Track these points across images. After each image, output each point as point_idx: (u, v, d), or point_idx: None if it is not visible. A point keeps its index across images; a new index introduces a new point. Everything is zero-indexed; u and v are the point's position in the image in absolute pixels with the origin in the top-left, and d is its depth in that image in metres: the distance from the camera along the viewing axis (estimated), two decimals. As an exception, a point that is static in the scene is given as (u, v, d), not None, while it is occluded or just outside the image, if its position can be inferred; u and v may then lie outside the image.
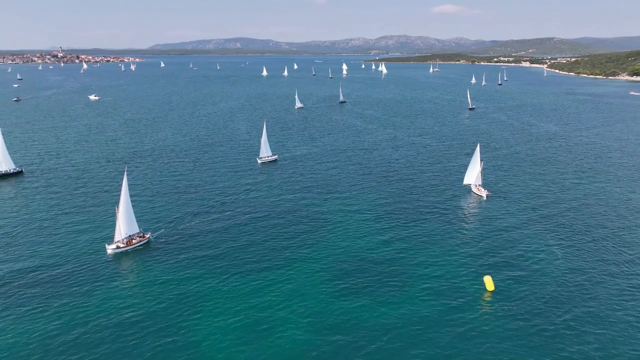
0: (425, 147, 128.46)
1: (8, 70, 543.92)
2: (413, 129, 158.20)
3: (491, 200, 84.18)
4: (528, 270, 57.60)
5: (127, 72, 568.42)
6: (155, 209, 77.82)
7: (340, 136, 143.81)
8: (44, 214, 74.93)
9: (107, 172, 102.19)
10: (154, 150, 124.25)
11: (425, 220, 73.99)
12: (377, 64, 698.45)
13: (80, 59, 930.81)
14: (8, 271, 55.69)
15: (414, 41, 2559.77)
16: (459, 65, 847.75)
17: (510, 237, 67.71)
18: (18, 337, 43.74)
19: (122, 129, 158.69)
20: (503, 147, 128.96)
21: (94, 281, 53.37)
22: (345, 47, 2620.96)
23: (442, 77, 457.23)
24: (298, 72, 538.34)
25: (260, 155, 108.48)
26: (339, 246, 63.82)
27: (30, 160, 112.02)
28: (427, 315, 47.94)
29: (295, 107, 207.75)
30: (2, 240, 64.54)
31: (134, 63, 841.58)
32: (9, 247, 62.40)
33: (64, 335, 43.77)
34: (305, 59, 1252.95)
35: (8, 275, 54.74)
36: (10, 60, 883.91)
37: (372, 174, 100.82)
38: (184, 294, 51.32)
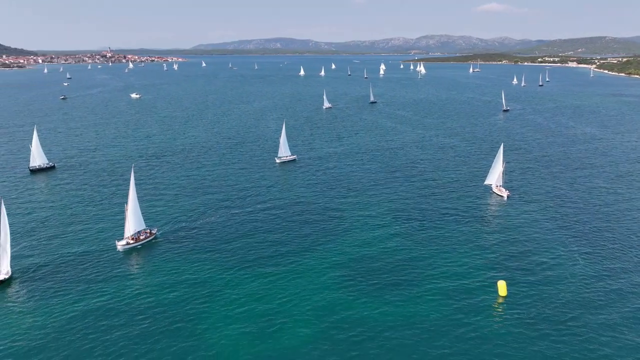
0: (452, 148, 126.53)
1: (60, 70, 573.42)
2: (443, 130, 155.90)
3: (512, 201, 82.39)
4: (544, 276, 55.89)
5: (169, 72, 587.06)
6: (167, 205, 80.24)
7: (367, 136, 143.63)
8: (66, 207, 78.57)
9: (136, 168, 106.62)
10: (184, 147, 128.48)
11: (443, 221, 73.25)
12: (415, 64, 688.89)
13: (127, 59, 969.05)
14: (30, 260, 59.31)
15: (455, 41, 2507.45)
16: (501, 65, 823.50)
17: (529, 240, 66.03)
18: (39, 319, 46.93)
19: (158, 126, 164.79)
20: (534, 149, 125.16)
21: (104, 275, 55.78)
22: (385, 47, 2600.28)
23: (482, 78, 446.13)
24: (335, 72, 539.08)
25: (278, 155, 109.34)
26: (352, 245, 64.15)
27: (68, 155, 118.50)
28: (435, 317, 47.58)
29: (324, 107, 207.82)
30: (27, 230, 68.57)
31: (177, 63, 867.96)
32: (32, 238, 66.41)
33: (79, 321, 46.59)
34: (344, 59, 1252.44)
35: (31, 263, 58.32)
36: (63, 60, 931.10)
37: (395, 174, 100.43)
38: (193, 285, 53.18)
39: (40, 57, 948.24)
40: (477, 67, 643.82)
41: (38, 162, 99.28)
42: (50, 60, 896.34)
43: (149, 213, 74.87)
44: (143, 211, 74.91)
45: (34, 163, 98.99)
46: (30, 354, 41.44)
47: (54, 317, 46.63)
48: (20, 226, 68.76)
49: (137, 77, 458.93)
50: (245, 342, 43.30)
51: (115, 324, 45.74)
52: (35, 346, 42.51)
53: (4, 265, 53.80)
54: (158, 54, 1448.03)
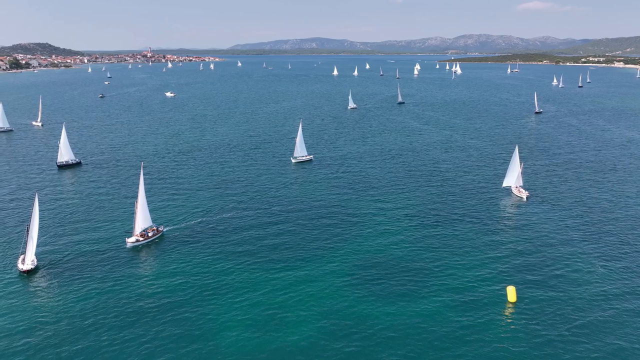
0: (477, 150, 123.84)
1: (102, 69, 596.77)
2: (471, 131, 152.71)
3: (531, 203, 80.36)
4: (558, 283, 54.04)
5: (205, 71, 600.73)
6: (184, 201, 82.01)
7: (390, 137, 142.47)
8: (87, 202, 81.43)
9: (161, 164, 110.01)
10: (211, 145, 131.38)
11: (460, 223, 72.04)
12: (451, 64, 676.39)
13: (166, 59, 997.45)
14: (53, 252, 62.25)
15: (494, 40, 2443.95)
16: (541, 65, 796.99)
17: (546, 245, 63.98)
18: (59, 306, 49.45)
19: (188, 124, 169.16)
20: (564, 152, 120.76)
21: (118, 269, 57.89)
22: (422, 46, 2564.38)
23: (519, 79, 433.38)
24: (368, 72, 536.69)
25: (294, 155, 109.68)
26: (364, 245, 63.92)
27: (97, 151, 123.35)
28: (440, 319, 46.95)
29: (348, 107, 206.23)
30: (50, 223, 71.78)
31: (213, 62, 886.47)
32: (54, 231, 69.72)
33: (93, 310, 48.87)
34: (378, 59, 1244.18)
35: (54, 255, 61.20)
36: (107, 60, 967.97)
37: (415, 175, 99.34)
38: (202, 281, 54.49)
39: (86, 57, 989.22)
40: (516, 68, 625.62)
41: (65, 158, 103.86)
42: (95, 60, 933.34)
43: (164, 209, 77.37)
44: (160, 207, 77.66)
45: (61, 159, 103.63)
46: (49, 338, 43.76)
47: (71, 306, 48.86)
48: (44, 219, 72.15)
49: (173, 76, 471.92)
50: (248, 337, 44.10)
51: (124, 316, 47.54)
52: (53, 330, 44.95)
53: (31, 255, 56.28)
54: (196, 54, 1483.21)
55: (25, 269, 54.76)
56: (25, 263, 55.58)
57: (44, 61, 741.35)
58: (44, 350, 42.02)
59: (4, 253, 60.70)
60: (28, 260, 55.87)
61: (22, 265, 55.31)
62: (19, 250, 58.51)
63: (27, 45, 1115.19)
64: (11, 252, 60.23)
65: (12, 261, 57.75)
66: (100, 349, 42.16)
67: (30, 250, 56.39)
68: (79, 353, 41.64)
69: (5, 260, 58.64)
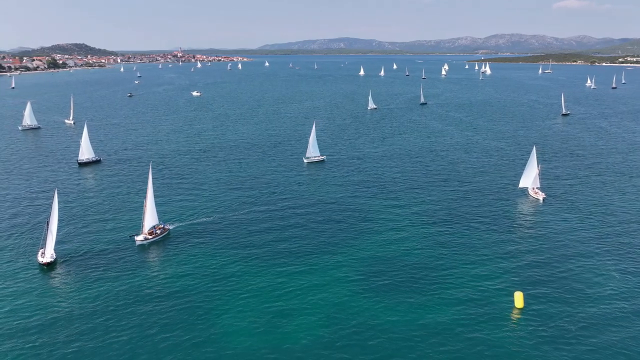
0: (498, 151, 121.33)
1: (133, 69, 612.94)
2: (493, 132, 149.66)
3: (548, 206, 78.61)
4: (570, 290, 52.38)
5: (232, 71, 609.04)
6: (192, 200, 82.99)
7: (409, 138, 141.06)
8: (102, 199, 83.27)
9: (181, 162, 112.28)
10: (230, 144, 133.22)
11: (472, 224, 70.91)
12: (480, 65, 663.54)
13: (196, 59, 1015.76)
14: (70, 246, 64.25)
15: (527, 40, 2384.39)
16: (575, 66, 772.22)
17: (559, 250, 62.20)
18: (70, 303, 51.30)
19: (211, 122, 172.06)
20: (589, 155, 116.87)
21: (131, 264, 59.27)
22: (451, 46, 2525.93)
23: (550, 79, 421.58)
24: (394, 72, 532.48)
25: (307, 155, 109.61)
26: (373, 246, 63.55)
27: (119, 149, 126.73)
28: (445, 322, 46.33)
29: (368, 108, 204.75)
30: (68, 219, 73.82)
31: (241, 62, 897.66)
32: (70, 227, 72.09)
33: (106, 303, 50.59)
34: (406, 59, 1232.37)
35: (71, 249, 63.21)
36: (139, 60, 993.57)
37: (432, 176, 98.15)
38: (210, 277, 55.40)
39: (119, 57, 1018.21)
40: (548, 68, 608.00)
41: (86, 155, 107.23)
42: (127, 60, 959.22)
43: (176, 207, 79.00)
44: (172, 205, 79.37)
45: (82, 157, 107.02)
46: (64, 327, 45.64)
47: (85, 298, 50.60)
48: (63, 214, 74.34)
49: (201, 76, 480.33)
50: (252, 333, 44.72)
51: (135, 309, 48.91)
52: (67, 320, 47.02)
53: (51, 249, 58.32)
54: (226, 54, 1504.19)
55: (44, 262, 56.75)
56: (44, 256, 57.52)
57: (80, 61, 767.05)
58: (58, 335, 43.99)
59: (25, 246, 63.11)
60: (47, 254, 57.78)
61: (42, 259, 57.33)
62: (39, 244, 60.53)
63: (65, 46, 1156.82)
64: (32, 245, 62.43)
65: (33, 254, 59.85)
66: (109, 338, 43.66)
67: (50, 244, 58.28)
68: (90, 340, 43.36)
69: (27, 253, 60.92)
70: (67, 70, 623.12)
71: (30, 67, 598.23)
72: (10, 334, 44.46)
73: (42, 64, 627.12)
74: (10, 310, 48.09)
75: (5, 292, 51.56)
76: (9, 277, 54.74)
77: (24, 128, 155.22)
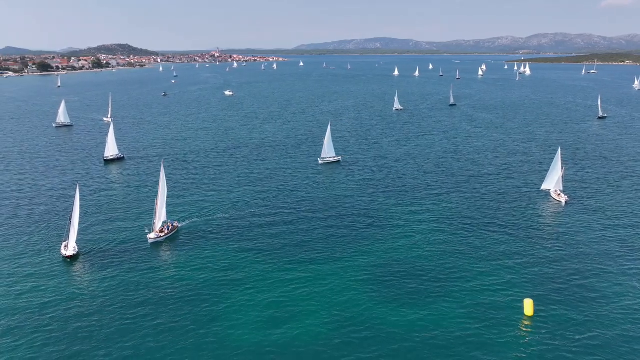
0: (526, 154, 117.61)
1: (171, 69, 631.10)
2: (524, 134, 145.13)
3: (571, 209, 76.00)
4: (585, 299, 50.21)
5: (266, 71, 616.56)
6: (208, 197, 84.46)
7: (435, 139, 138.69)
8: (122, 195, 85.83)
9: (205, 159, 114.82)
10: (255, 142, 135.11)
11: (489, 227, 69.30)
12: (519, 65, 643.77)
13: (232, 59, 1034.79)
14: (89, 240, 66.77)
15: (572, 39, 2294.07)
16: (623, 66, 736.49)
17: (579, 256, 59.89)
18: (89, 295, 53.61)
19: (239, 121, 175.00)
20: (624, 159, 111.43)
21: (146, 259, 61.11)
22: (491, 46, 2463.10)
23: (593, 80, 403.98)
24: (429, 73, 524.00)
25: (322, 156, 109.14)
26: (385, 248, 62.82)
27: (144, 146, 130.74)
28: (450, 327, 45.52)
29: (393, 108, 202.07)
30: (90, 214, 77.08)
31: (276, 62, 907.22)
32: (93, 221, 75.03)
33: (124, 294, 52.81)
34: (443, 59, 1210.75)
35: (89, 244, 65.46)
36: (178, 60, 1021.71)
37: (453, 178, 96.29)
38: (219, 271, 56.62)
39: (159, 57, 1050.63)
40: (593, 69, 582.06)
41: (111, 152, 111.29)
42: (167, 59, 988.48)
43: (192, 203, 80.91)
44: (191, 202, 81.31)
45: (108, 154, 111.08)
46: (83, 316, 47.89)
47: (103, 290, 52.57)
48: (86, 209, 77.59)
49: (235, 76, 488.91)
50: (257, 329, 45.40)
51: (146, 300, 50.77)
52: (86, 308, 49.43)
53: (73, 243, 60.77)
54: (262, 54, 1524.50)
55: (67, 255, 59.10)
56: (67, 249, 59.93)
57: (122, 61, 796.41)
58: (79, 323, 46.47)
59: (50, 239, 65.93)
60: (70, 247, 60.14)
61: (65, 251, 59.72)
62: (63, 237, 63.11)
63: (110, 46, 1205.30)
64: (57, 238, 65.05)
65: (58, 247, 62.43)
66: (123, 326, 45.77)
67: (72, 237, 60.71)
68: (106, 326, 45.81)
69: (51, 245, 63.63)
70: (109, 70, 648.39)
71: (76, 66, 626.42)
72: (33, 321, 47.07)
73: (87, 64, 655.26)
74: (34, 302, 50.57)
75: (31, 283, 53.92)
76: (35, 268, 57.31)
77: (57, 125, 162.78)
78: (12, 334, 44.73)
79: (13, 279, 54.83)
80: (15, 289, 52.54)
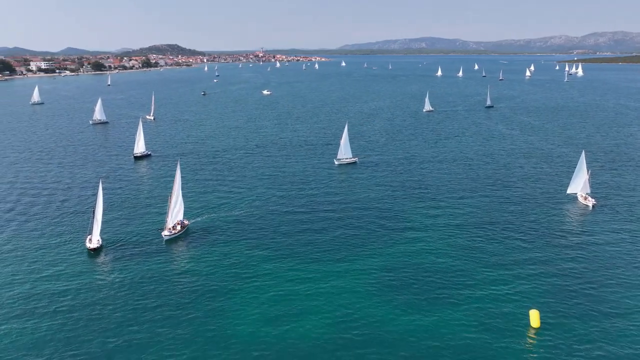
0: (560, 157, 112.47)
1: (215, 68, 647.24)
2: (562, 137, 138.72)
3: (598, 214, 72.77)
4: (603, 315, 47.43)
5: (307, 71, 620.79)
6: (220, 195, 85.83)
7: (463, 141, 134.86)
8: (145, 191, 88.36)
9: (233, 157, 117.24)
10: (284, 141, 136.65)
11: (511, 232, 67.14)
12: (571, 65, 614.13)
13: (275, 59, 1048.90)
14: (112, 234, 69.35)
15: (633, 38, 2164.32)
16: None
17: (602, 264, 57.01)
18: (110, 287, 56.55)
19: (272, 120, 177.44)
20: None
21: (161, 256, 63.06)
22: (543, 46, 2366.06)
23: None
24: (473, 73, 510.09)
25: (338, 157, 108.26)
26: (397, 252, 61.88)
27: (179, 143, 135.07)
28: (449, 336, 44.39)
29: (424, 110, 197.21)
30: (115, 209, 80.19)
31: (318, 62, 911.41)
32: (117, 215, 78.30)
33: (139, 292, 55.24)
34: (490, 59, 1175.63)
35: (112, 237, 68.18)
36: (223, 59, 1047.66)
37: (479, 181, 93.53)
38: (230, 267, 57.87)
39: (205, 57, 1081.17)
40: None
41: (140, 150, 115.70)
42: (213, 59, 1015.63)
43: (211, 200, 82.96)
44: (211, 199, 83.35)
45: (137, 151, 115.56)
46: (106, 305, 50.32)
47: (125, 281, 54.93)
48: (112, 204, 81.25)
49: (276, 75, 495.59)
50: (262, 326, 46.19)
51: (161, 292, 52.73)
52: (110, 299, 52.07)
53: (97, 236, 63.77)
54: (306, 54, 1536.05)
55: (91, 247, 62.06)
56: (91, 242, 62.92)
57: (170, 61, 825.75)
58: (105, 309, 49.16)
59: (76, 231, 69.03)
60: (94, 240, 63.16)
61: (89, 244, 62.74)
62: (87, 230, 65.98)
63: (160, 47, 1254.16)
64: (83, 230, 67.94)
65: (83, 238, 65.54)
66: (139, 315, 47.98)
67: (96, 230, 63.71)
68: (127, 312, 48.40)
69: (77, 238, 66.76)
70: (157, 70, 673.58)
71: (127, 66, 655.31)
72: (54, 304, 50.36)
73: (137, 64, 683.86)
74: (56, 288, 53.75)
75: (57, 273, 57.04)
76: (61, 260, 60.36)
77: (94, 122, 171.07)
78: (35, 315, 48.08)
79: (38, 265, 58.54)
80: (38, 275, 56.08)
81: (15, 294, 51.79)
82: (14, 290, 52.61)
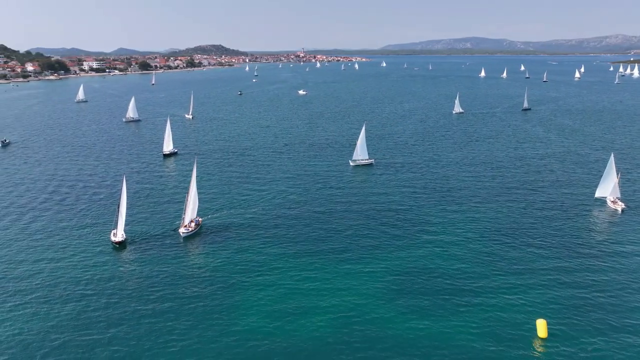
0: (597, 162, 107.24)
1: (255, 68, 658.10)
2: (602, 141, 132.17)
3: (628, 218, 69.86)
4: (620, 327, 45.33)
5: (346, 71, 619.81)
6: (241, 191, 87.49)
7: (493, 145, 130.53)
8: (170, 188, 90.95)
9: (259, 156, 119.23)
10: (312, 140, 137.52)
11: (531, 241, 64.73)
12: (626, 66, 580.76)
13: (316, 59, 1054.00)
14: (136, 228, 72.68)
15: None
16: None
17: (628, 272, 54.47)
18: (132, 278, 59.42)
19: (304, 120, 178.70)
20: None
21: (182, 248, 65.79)
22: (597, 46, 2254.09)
23: None
24: (519, 74, 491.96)
25: (353, 158, 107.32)
26: (411, 255, 60.99)
27: (209, 141, 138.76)
28: (456, 343, 43.68)
29: (453, 111, 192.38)
30: (140, 204, 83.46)
31: (358, 62, 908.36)
32: (141, 210, 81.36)
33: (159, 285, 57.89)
34: (538, 60, 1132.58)
35: (135, 232, 71.22)
36: (265, 60, 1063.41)
37: (506, 185, 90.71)
38: (243, 264, 59.08)
39: (248, 57, 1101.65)
40: None
41: (168, 148, 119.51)
42: (255, 59, 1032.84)
43: (232, 197, 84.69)
44: (232, 196, 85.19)
45: (165, 149, 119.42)
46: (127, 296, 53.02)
47: (146, 273, 57.37)
48: (137, 199, 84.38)
49: (314, 75, 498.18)
50: (267, 323, 47.06)
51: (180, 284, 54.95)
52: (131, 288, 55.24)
53: (121, 230, 66.64)
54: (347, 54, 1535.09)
55: (116, 241, 64.99)
56: (116, 236, 65.83)
57: (213, 61, 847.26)
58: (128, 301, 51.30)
59: (103, 225, 72.26)
60: (119, 234, 66.03)
61: (114, 238, 65.69)
62: (112, 225, 68.93)
63: (205, 47, 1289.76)
64: (109, 225, 70.67)
65: (108, 232, 68.51)
66: (156, 307, 50.08)
67: (120, 225, 66.62)
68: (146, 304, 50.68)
69: (103, 231, 69.92)
70: (200, 69, 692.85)
71: (172, 65, 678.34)
72: (77, 293, 53.62)
73: (182, 63, 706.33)
74: (85, 278, 57.00)
75: (81, 262, 60.48)
76: (87, 252, 63.46)
77: (127, 120, 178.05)
78: (60, 300, 51.31)
79: (65, 253, 62.33)
80: (64, 263, 59.69)
81: (41, 280, 55.43)
82: (42, 274, 56.55)
